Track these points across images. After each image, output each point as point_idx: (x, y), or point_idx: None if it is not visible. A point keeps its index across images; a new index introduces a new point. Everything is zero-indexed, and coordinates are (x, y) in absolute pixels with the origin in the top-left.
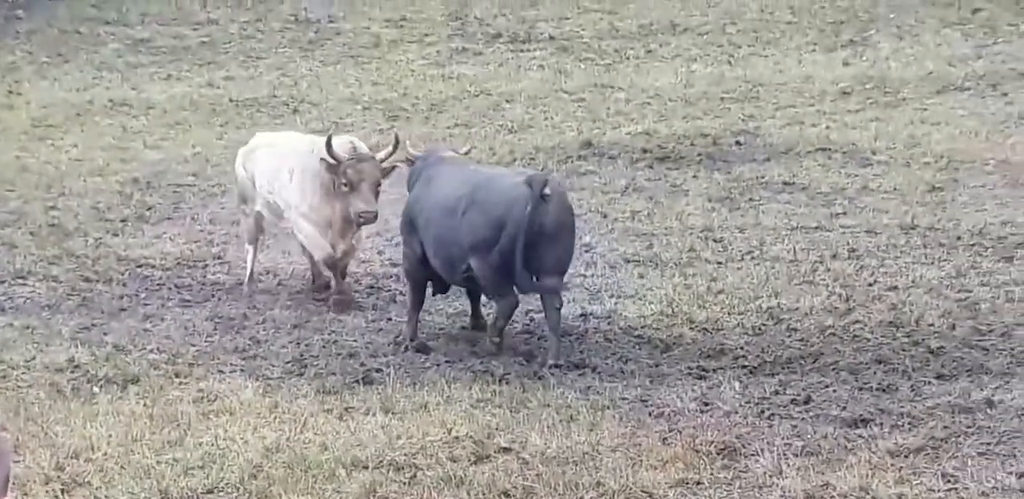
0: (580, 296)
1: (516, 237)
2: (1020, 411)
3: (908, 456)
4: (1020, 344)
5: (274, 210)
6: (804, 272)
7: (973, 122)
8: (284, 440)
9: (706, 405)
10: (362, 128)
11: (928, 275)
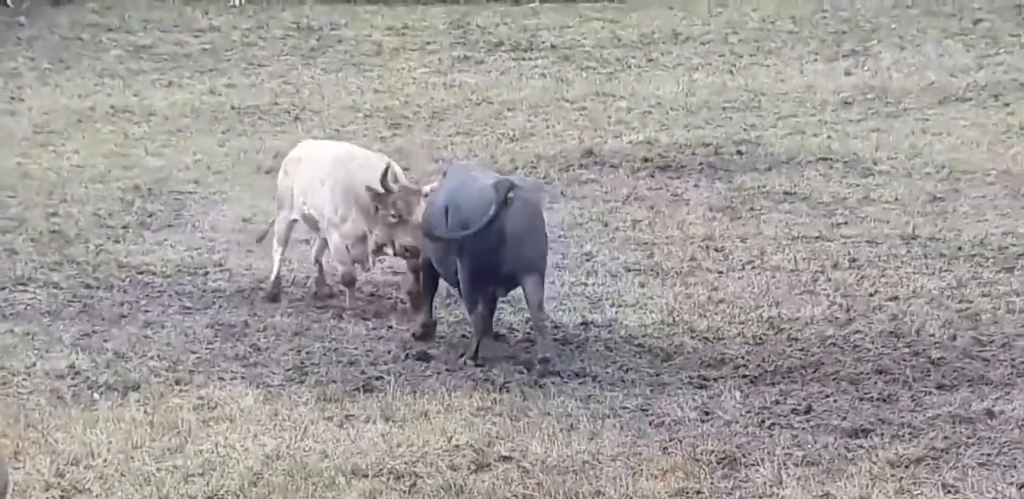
0: (581, 305)
1: (476, 239)
2: (1021, 422)
3: (908, 466)
4: (1021, 355)
5: (310, 221)
6: (805, 282)
7: (974, 132)
8: (284, 448)
9: (707, 414)
10: (364, 136)
11: (929, 285)
